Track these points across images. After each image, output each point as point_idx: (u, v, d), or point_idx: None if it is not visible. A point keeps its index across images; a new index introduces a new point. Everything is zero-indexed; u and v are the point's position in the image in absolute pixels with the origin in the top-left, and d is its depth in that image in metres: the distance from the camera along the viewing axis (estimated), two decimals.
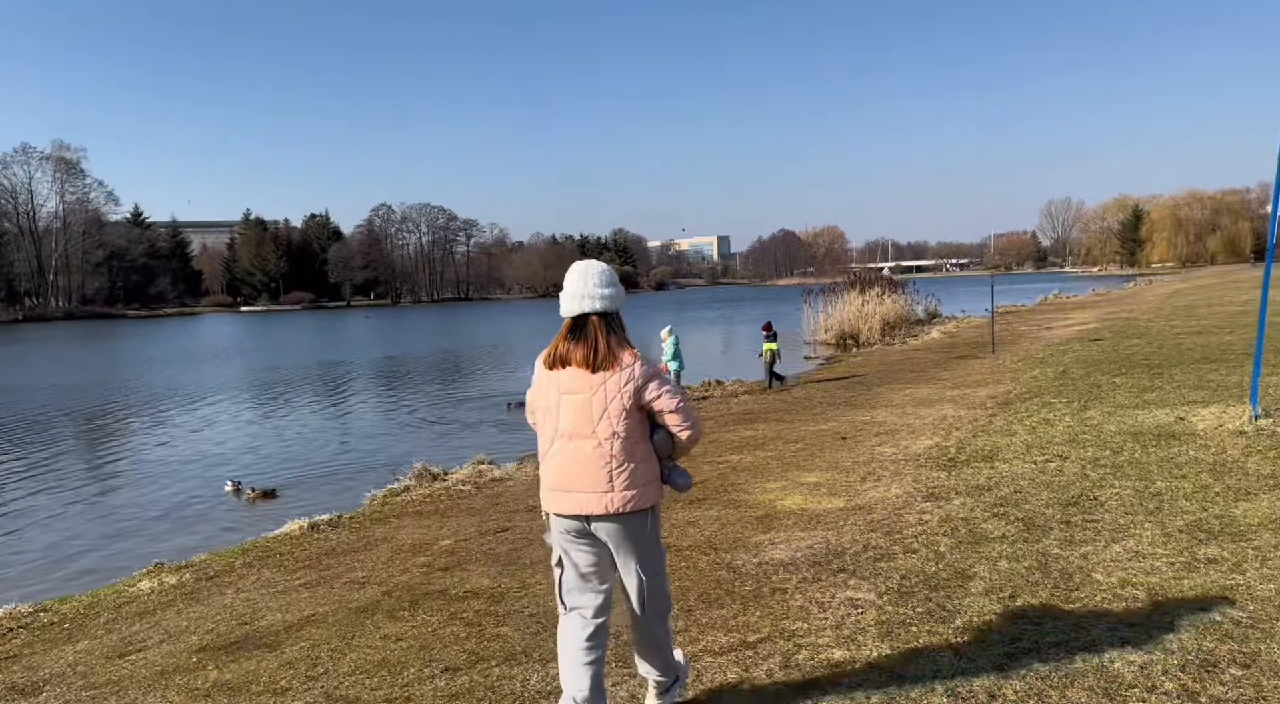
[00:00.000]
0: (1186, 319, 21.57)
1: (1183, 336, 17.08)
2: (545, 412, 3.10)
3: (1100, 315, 27.33)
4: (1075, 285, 67.60)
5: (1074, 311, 31.98)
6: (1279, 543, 4.50)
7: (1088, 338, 19.13)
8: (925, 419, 10.42)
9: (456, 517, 8.01)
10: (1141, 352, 14.95)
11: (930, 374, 15.75)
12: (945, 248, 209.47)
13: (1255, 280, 42.75)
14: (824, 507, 6.59)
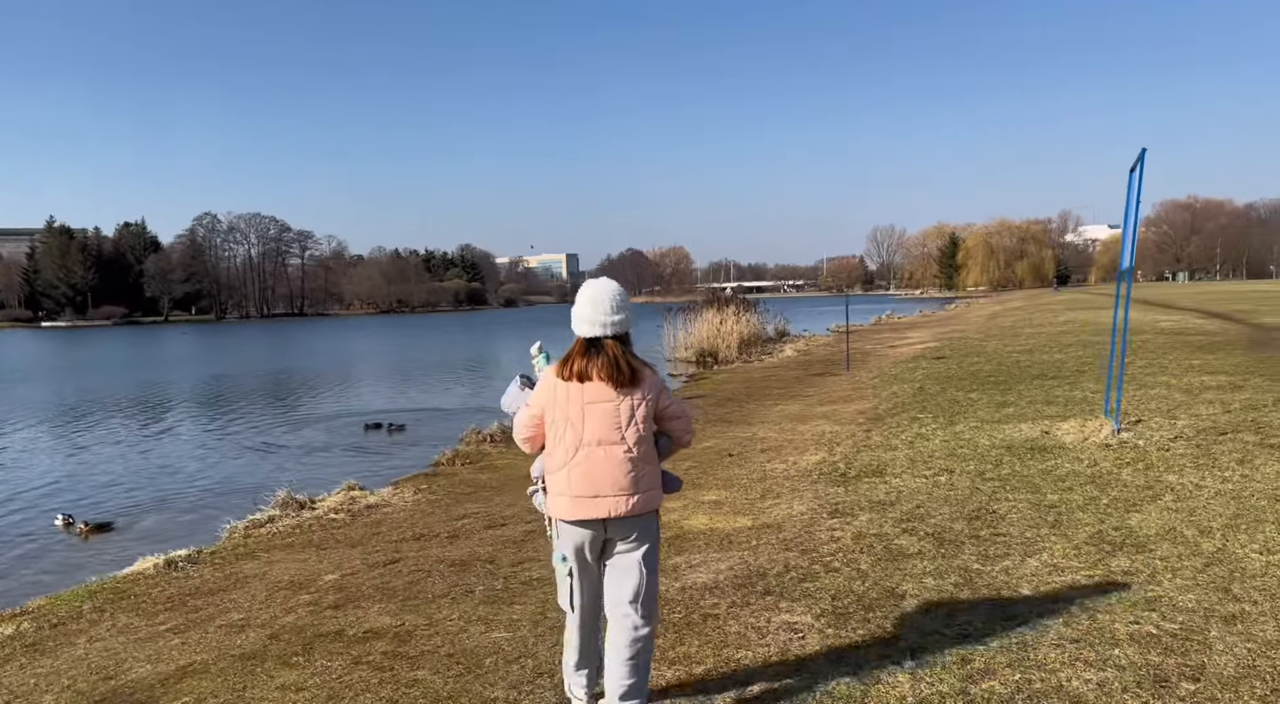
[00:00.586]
0: (1014, 339, 23.17)
1: (1016, 355, 18.29)
2: (567, 423, 3.24)
3: (935, 335, 29.01)
4: (902, 307, 71.85)
5: (909, 331, 33.82)
6: (1181, 553, 4.75)
7: (931, 356, 20.19)
8: (805, 435, 10.61)
9: (335, 548, 7.43)
10: (985, 369, 15.88)
11: (795, 391, 16.16)
12: (783, 269, 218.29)
13: (1062, 303, 46.71)
14: (732, 526, 6.52)
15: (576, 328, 3.29)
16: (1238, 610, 3.85)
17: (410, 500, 9.22)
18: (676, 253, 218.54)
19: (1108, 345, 18.94)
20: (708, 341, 27.04)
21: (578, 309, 3.30)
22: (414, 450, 14.53)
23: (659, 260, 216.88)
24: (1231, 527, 5.14)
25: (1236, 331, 20.73)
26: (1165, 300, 44.47)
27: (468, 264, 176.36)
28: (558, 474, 3.26)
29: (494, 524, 7.59)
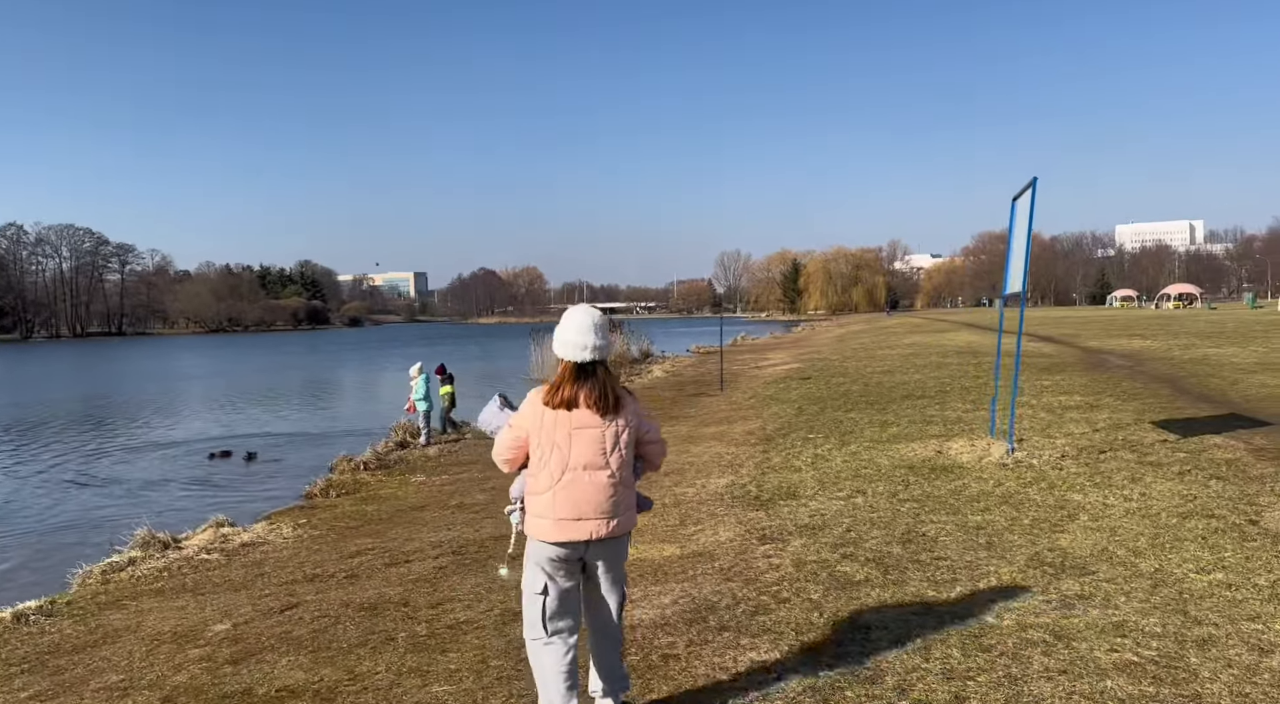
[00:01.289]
0: (870, 361, 24.16)
1: (878, 376, 19.02)
2: (553, 448, 3.28)
3: (794, 356, 29.91)
4: (753, 329, 73.94)
5: (769, 352, 34.74)
6: (1124, 575, 4.85)
7: (798, 376, 20.73)
8: (702, 457, 10.53)
9: (216, 593, 6.68)
10: (854, 390, 16.39)
11: (676, 411, 16.13)
12: (635, 291, 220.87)
13: (902, 327, 49.41)
14: (661, 555, 6.28)
15: (565, 353, 3.34)
16: (1205, 634, 3.94)
17: (290, 537, 8.47)
18: (530, 273, 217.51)
19: (959, 366, 20.10)
20: None
21: (566, 335, 3.34)
22: (276, 482, 13.50)
23: (512, 280, 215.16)
24: (1157, 546, 5.34)
25: (1070, 354, 22.40)
26: (992, 324, 47.77)
27: (308, 281, 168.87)
28: (542, 497, 3.31)
29: (396, 561, 7.03)
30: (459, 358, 47.67)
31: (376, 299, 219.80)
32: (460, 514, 8.61)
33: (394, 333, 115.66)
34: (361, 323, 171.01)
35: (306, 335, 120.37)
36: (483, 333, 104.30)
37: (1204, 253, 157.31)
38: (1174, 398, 12.80)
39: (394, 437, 15.40)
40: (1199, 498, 6.46)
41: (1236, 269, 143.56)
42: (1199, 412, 11.17)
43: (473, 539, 7.41)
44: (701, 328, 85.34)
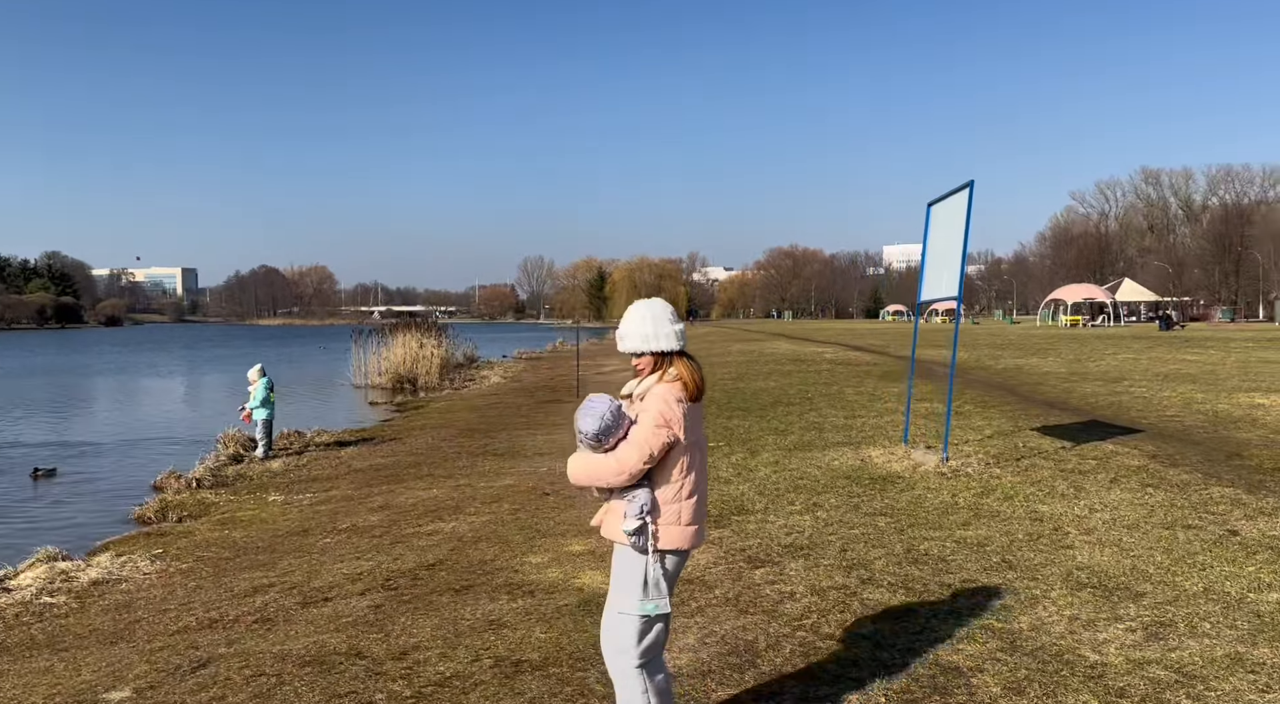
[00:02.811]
0: (712, 368, 24.31)
1: (730, 382, 19.08)
2: (695, 446, 3.17)
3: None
4: (565, 335, 73.59)
5: (601, 358, 34.40)
6: (1177, 596, 4.70)
7: None
8: None
9: (86, 648, 5.29)
10: (718, 397, 16.23)
11: (542, 419, 15.34)
12: (434, 295, 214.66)
13: (716, 335, 50.73)
14: None
15: (673, 344, 3.19)
16: None
17: (152, 572, 7.02)
18: (318, 272, 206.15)
19: (803, 374, 20.58)
20: (405, 366, 25.19)
21: (670, 326, 3.21)
22: (83, 503, 11.38)
23: (298, 280, 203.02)
24: (1180, 561, 5.26)
25: (894, 363, 23.60)
26: (800, 334, 50.09)
27: (56, 274, 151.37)
28: (687, 502, 3.16)
29: (311, 601, 5.90)
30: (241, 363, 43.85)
31: (138, 296, 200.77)
32: (360, 540, 7.48)
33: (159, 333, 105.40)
34: (120, 322, 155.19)
35: (56, 334, 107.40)
36: (266, 336, 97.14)
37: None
38: (1026, 405, 13.55)
39: (223, 449, 13.58)
40: (1157, 508, 6.60)
41: (987, 289, 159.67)
42: (1063, 418, 11.82)
43: (397, 570, 6.38)
44: (510, 334, 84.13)
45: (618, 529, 3.26)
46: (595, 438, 3.20)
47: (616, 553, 3.32)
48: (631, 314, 3.28)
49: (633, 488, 3.20)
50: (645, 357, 3.32)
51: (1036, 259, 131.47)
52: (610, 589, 3.32)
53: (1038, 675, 3.74)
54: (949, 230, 8.59)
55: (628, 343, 3.29)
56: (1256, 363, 20.71)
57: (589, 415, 3.20)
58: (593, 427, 3.15)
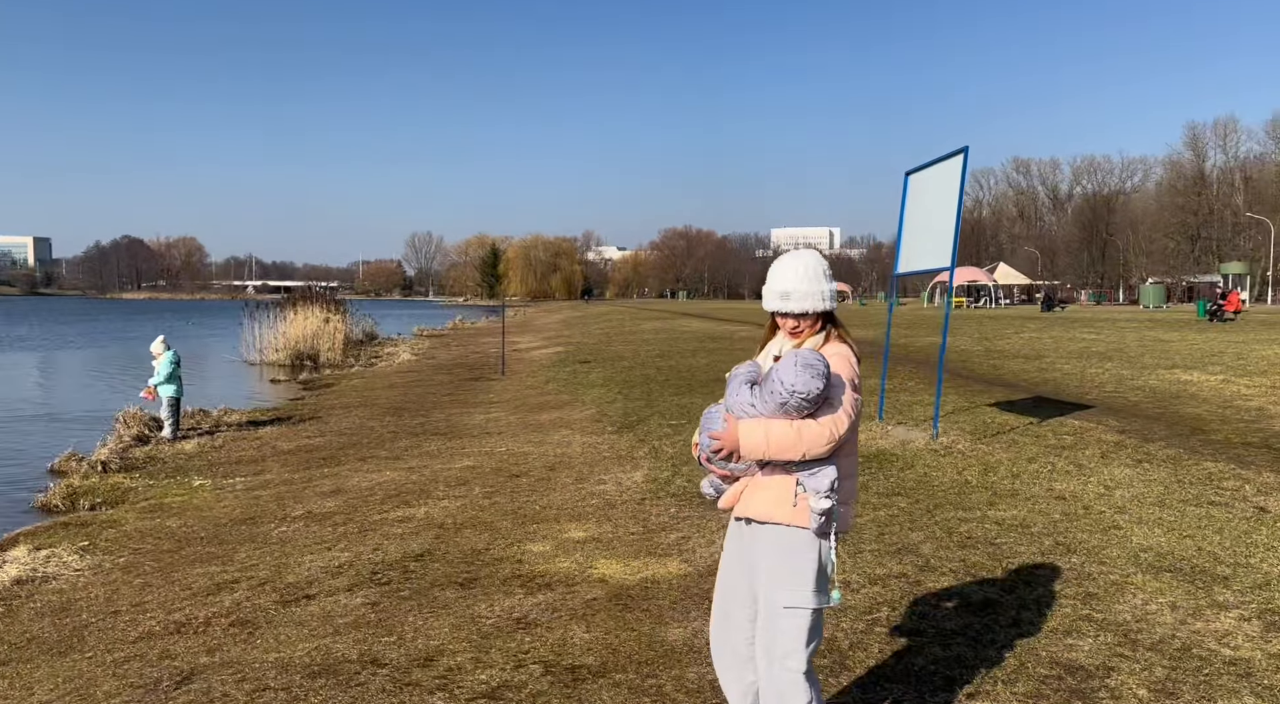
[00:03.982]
0: (631, 345, 23.91)
1: (657, 360, 18.67)
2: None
3: (545, 340, 29.01)
4: (463, 313, 71.80)
5: (512, 336, 33.47)
6: (1263, 580, 4.56)
7: (573, 360, 19.86)
8: (572, 447, 9.31)
9: (32, 660, 4.43)
10: (651, 374, 15.81)
11: (476, 398, 14.57)
12: (314, 270, 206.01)
13: (620, 314, 50.30)
14: (665, 572, 5.11)
15: (833, 302, 2.88)
16: None
17: (84, 568, 6.08)
18: (186, 244, 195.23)
19: (728, 350, 20.35)
20: (306, 342, 23.76)
21: (829, 283, 2.88)
22: None
23: (164, 252, 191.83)
24: (1241, 541, 5.13)
25: None
26: (703, 313, 50.26)
27: None
28: (850, 481, 2.85)
29: (291, 598, 5.15)
30: (109, 339, 40.88)
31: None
32: (321, 528, 6.70)
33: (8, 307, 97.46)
34: None
35: None
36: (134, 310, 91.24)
37: (844, 256, 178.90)
38: (968, 382, 13.64)
39: (124, 430, 12.30)
40: (1172, 484, 6.51)
41: (869, 271, 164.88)
42: (1010, 395, 11.89)
43: (381, 561, 5.69)
44: (401, 311, 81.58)
45: (782, 508, 2.78)
46: (816, 400, 2.69)
47: (767, 538, 2.84)
48: (795, 268, 2.86)
49: (816, 462, 2.73)
50: (809, 317, 2.86)
51: None
52: (765, 581, 2.84)
53: (1180, 675, 3.44)
54: (934, 199, 8.36)
55: (802, 302, 2.83)
56: (1154, 342, 21.67)
57: (803, 370, 2.67)
58: (816, 385, 2.65)
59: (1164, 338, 23.22)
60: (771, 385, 2.72)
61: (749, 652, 2.96)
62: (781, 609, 2.77)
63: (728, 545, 3.07)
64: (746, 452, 2.75)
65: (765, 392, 2.75)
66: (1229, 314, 34.18)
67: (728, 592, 3.02)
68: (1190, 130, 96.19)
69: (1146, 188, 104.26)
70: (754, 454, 2.74)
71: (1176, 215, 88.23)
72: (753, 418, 2.78)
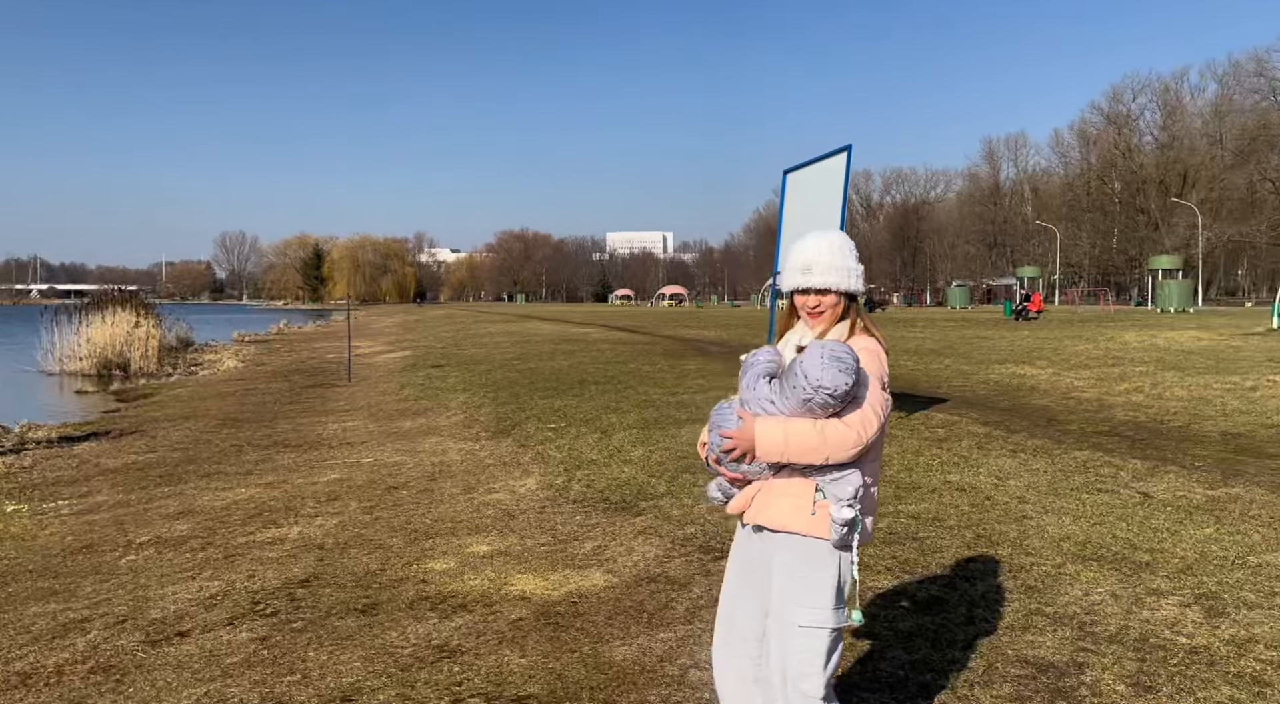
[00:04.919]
0: (484, 348, 23.21)
1: (515, 362, 18.17)
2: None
3: (388, 345, 27.70)
4: (287, 318, 67.93)
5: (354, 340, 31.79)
6: (1153, 560, 4.70)
7: (426, 364, 19.01)
8: (449, 455, 8.75)
9: None
10: (515, 377, 15.32)
11: (324, 406, 13.57)
12: (109, 272, 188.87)
13: (462, 317, 48.98)
14: (589, 586, 4.77)
15: (858, 284, 2.61)
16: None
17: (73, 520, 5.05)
18: None
19: (584, 352, 20.11)
20: (115, 350, 21.56)
21: (853, 263, 2.61)
22: None
23: None
24: (1149, 529, 5.34)
25: (662, 340, 23.86)
26: (547, 316, 49.80)
27: None
28: (876, 487, 2.62)
29: (162, 637, 4.42)
30: None
31: None
32: (177, 555, 5.88)
33: None
34: None
35: None
36: None
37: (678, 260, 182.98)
38: None
39: None
40: (1057, 474, 6.78)
41: (701, 275, 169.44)
42: None
43: (261, 590, 5.02)
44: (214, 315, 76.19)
45: (798, 517, 2.52)
46: (844, 397, 2.43)
47: (782, 549, 2.57)
48: (820, 242, 2.63)
49: (838, 466, 2.48)
50: (831, 296, 2.61)
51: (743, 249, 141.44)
52: (778, 597, 2.57)
53: (1150, 667, 3.43)
54: (817, 197, 8.41)
55: (825, 276, 2.57)
56: (977, 339, 23.15)
57: (831, 363, 2.40)
58: (845, 380, 2.39)
59: (984, 335, 24.87)
60: (794, 379, 2.46)
61: (756, 673, 2.69)
62: (796, 628, 2.52)
63: (734, 555, 2.79)
64: (763, 453, 2.48)
65: (787, 386, 2.48)
66: (1033, 313, 37.22)
67: (733, 607, 2.74)
68: (986, 144, 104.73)
69: (949, 198, 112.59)
70: (771, 456, 2.48)
71: (975, 223, 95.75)
72: (770, 415, 2.52)
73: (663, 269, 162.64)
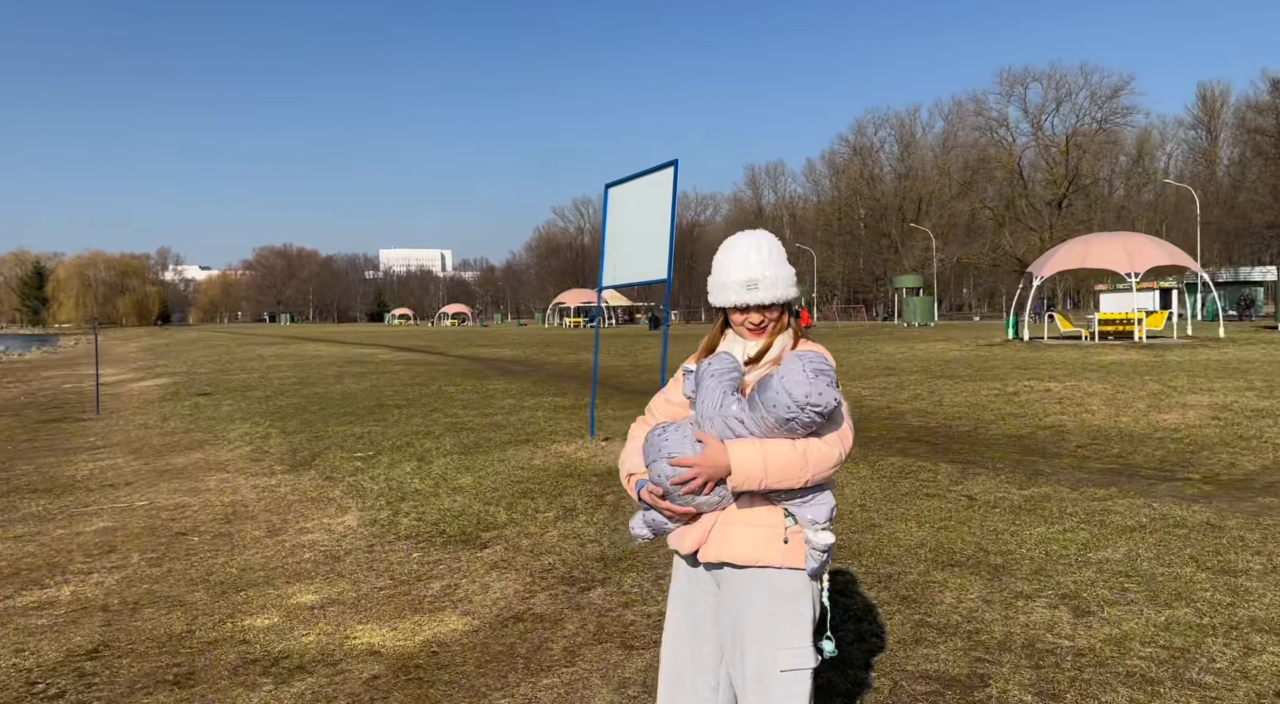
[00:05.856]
0: (259, 373, 21.35)
1: (308, 387, 16.84)
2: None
3: (141, 372, 24.81)
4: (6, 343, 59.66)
5: (86, 367, 28.22)
6: (1005, 563, 4.87)
7: (192, 393, 17.15)
8: (241, 492, 7.76)
9: None
10: (300, 403, 14.15)
11: (67, 444, 11.76)
12: None
13: (220, 340, 45.10)
14: (453, 629, 4.29)
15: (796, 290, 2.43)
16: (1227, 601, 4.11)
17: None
18: None
19: (376, 374, 19.00)
20: None
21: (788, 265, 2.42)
22: None
23: None
24: (989, 531, 5.53)
25: (457, 361, 23.06)
26: (322, 337, 46.98)
27: None
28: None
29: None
30: None
31: None
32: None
33: None
34: None
35: None
36: None
37: (459, 278, 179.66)
38: (634, 396, 14.00)
39: None
40: (879, 479, 7.00)
41: (484, 294, 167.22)
42: None
43: (36, 666, 4.06)
44: None
45: (772, 548, 2.26)
46: (825, 415, 2.18)
47: (753, 586, 2.30)
48: (758, 250, 2.38)
49: (809, 490, 2.24)
50: (776, 310, 2.40)
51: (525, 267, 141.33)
52: (754, 641, 2.29)
53: (1047, 673, 3.45)
54: (644, 211, 8.31)
55: (774, 290, 2.35)
56: None
57: (816, 378, 2.16)
58: (832, 394, 2.17)
59: None
60: (773, 397, 2.19)
61: None
62: (778, 673, 2.26)
63: (675, 599, 2.47)
64: (740, 481, 2.19)
65: (762, 404, 2.22)
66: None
67: (681, 656, 2.43)
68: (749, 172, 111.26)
69: (717, 221, 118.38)
70: (748, 485, 2.20)
71: None
72: (742, 438, 2.24)
73: (443, 287, 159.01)
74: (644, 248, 8.23)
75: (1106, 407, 10.80)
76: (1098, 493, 6.36)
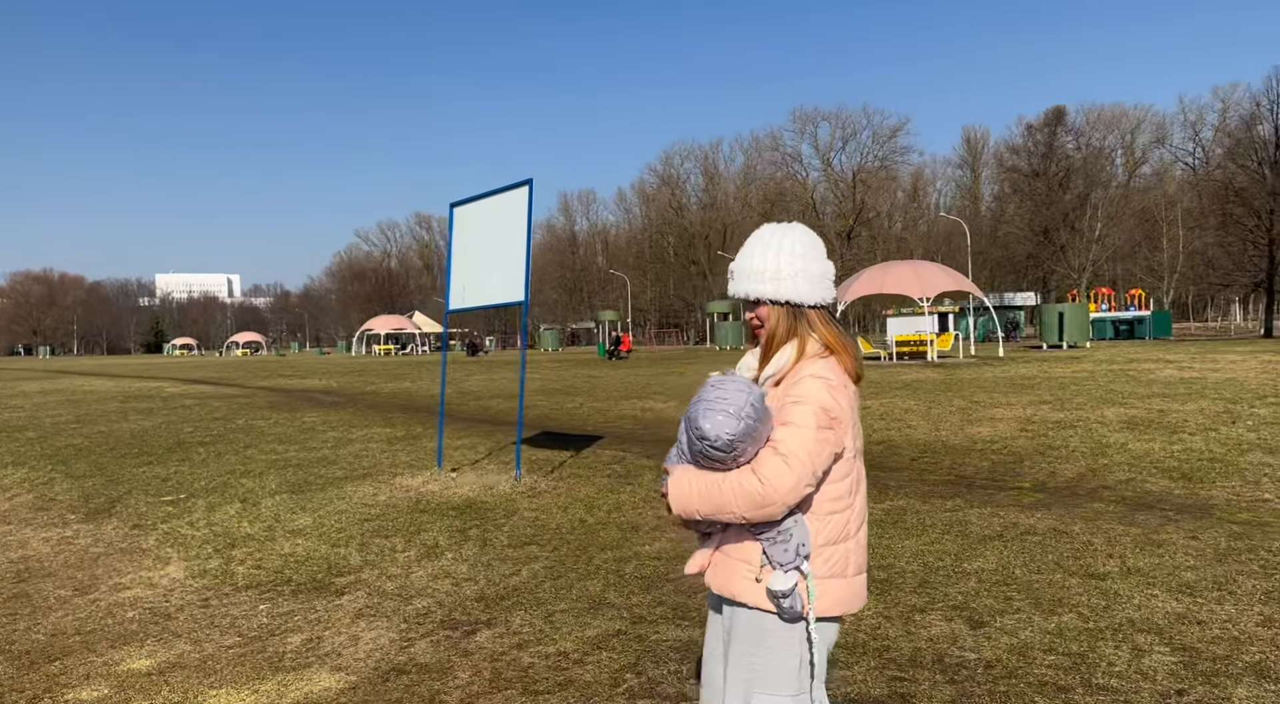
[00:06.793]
0: (20, 412, 18.88)
1: (89, 426, 15.04)
2: (858, 454, 2.20)
3: None
4: None
5: None
6: (1007, 593, 4.94)
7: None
8: (30, 548, 6.70)
9: None
10: (103, 443, 12.62)
11: None
12: None
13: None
14: (327, 687, 3.83)
15: (821, 294, 2.20)
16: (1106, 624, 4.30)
17: None
18: None
19: (169, 410, 17.33)
20: None
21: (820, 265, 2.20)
22: None
23: None
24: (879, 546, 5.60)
25: (258, 392, 21.45)
26: (93, 371, 42.53)
27: None
28: (855, 541, 2.18)
29: None
30: None
31: None
32: None
33: None
34: None
35: None
36: None
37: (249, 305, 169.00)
38: (473, 424, 13.51)
39: None
40: None
41: (278, 321, 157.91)
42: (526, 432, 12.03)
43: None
44: None
45: (745, 585, 2.13)
46: (728, 448, 2.04)
47: (741, 623, 2.16)
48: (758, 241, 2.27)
49: (776, 524, 2.10)
50: (765, 308, 2.23)
51: (325, 292, 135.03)
52: (728, 681, 2.15)
53: (965, 688, 3.47)
54: (496, 231, 8.00)
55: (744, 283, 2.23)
56: (588, 378, 24.20)
57: (718, 410, 2.06)
58: (730, 429, 2.03)
59: (594, 375, 26.14)
60: (684, 423, 2.14)
61: None
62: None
63: (709, 623, 2.39)
64: (675, 506, 2.14)
65: (682, 431, 2.17)
66: (624, 353, 40.14)
67: (709, 680, 2.35)
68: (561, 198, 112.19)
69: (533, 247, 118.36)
70: (680, 510, 2.14)
71: (557, 271, 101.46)
72: (681, 465, 2.18)
73: (231, 314, 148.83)
74: (496, 270, 7.91)
75: (924, 421, 11.47)
76: (947, 504, 6.66)
